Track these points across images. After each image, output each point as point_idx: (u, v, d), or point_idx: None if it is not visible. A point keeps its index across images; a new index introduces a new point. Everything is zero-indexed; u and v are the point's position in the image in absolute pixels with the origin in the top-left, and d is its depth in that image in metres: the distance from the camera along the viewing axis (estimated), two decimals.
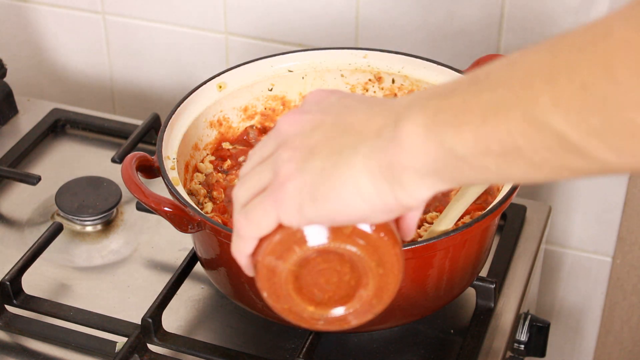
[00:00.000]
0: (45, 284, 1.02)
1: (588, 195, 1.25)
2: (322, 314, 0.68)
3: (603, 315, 1.33)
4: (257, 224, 0.65)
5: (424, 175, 0.59)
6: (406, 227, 0.69)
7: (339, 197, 0.61)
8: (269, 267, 0.67)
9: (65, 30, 1.41)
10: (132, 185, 0.87)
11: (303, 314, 0.68)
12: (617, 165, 0.52)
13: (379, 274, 0.66)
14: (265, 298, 0.68)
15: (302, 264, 0.66)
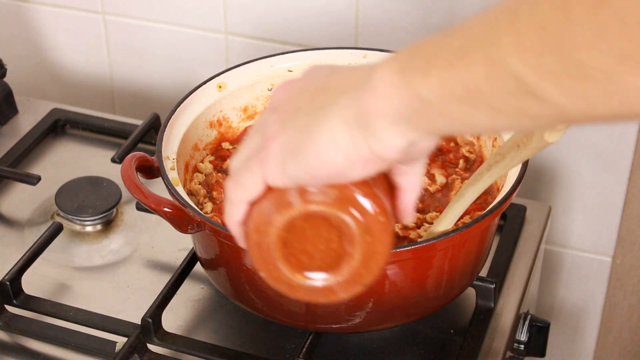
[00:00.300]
0: (45, 284, 1.02)
1: (588, 195, 1.25)
2: (310, 283, 0.68)
3: (603, 315, 1.33)
4: (245, 186, 0.66)
5: (395, 122, 0.59)
6: (402, 207, 0.69)
7: (317, 150, 0.61)
8: (257, 232, 0.67)
9: (65, 30, 1.41)
10: (132, 186, 0.87)
11: (291, 283, 0.68)
12: (572, 110, 0.52)
13: (367, 242, 0.66)
14: (255, 266, 0.68)
15: (290, 228, 0.66)
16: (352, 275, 0.67)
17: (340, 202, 0.65)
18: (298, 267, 0.68)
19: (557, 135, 0.75)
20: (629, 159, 1.20)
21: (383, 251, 0.66)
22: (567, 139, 1.21)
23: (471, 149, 1.00)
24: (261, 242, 0.67)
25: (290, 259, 0.68)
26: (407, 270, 0.85)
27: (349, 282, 0.67)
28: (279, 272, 0.68)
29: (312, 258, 0.67)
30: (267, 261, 0.68)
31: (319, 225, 0.66)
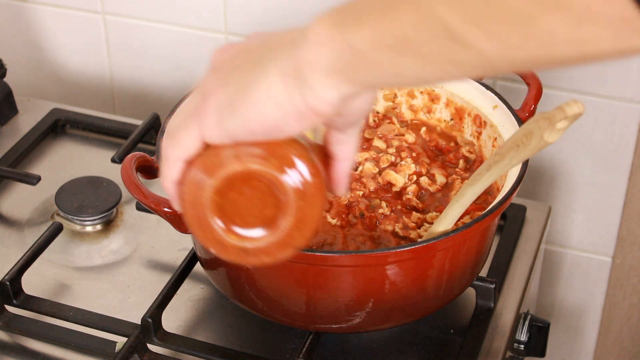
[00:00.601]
0: (45, 284, 1.02)
1: (588, 195, 1.25)
2: (242, 244, 0.68)
3: (603, 315, 1.33)
4: (181, 143, 0.66)
5: (329, 74, 0.60)
6: (336, 177, 0.70)
7: (254, 103, 0.62)
8: (191, 191, 0.67)
9: (65, 30, 1.41)
10: (132, 186, 0.87)
11: (224, 243, 0.68)
12: (495, 56, 0.53)
13: (300, 206, 0.66)
14: (189, 226, 0.68)
15: (224, 188, 0.66)
16: (284, 238, 0.67)
17: (277, 163, 0.65)
18: (231, 228, 0.68)
19: (556, 136, 0.75)
20: (629, 159, 1.20)
21: (315, 216, 0.67)
22: (567, 139, 1.21)
23: (471, 149, 1.00)
24: (195, 202, 0.67)
25: (224, 219, 0.67)
26: (407, 270, 0.85)
27: (280, 244, 0.68)
28: (212, 232, 0.68)
29: (245, 219, 0.67)
30: (201, 221, 0.68)
31: (254, 185, 0.66)
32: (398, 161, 0.98)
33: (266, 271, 0.86)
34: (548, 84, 1.18)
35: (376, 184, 0.95)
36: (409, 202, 0.94)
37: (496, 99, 0.98)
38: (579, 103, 0.73)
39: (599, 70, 1.16)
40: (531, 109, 0.96)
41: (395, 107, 1.06)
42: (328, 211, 0.92)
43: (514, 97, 1.14)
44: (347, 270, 0.84)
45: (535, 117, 0.75)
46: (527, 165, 0.88)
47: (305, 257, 0.82)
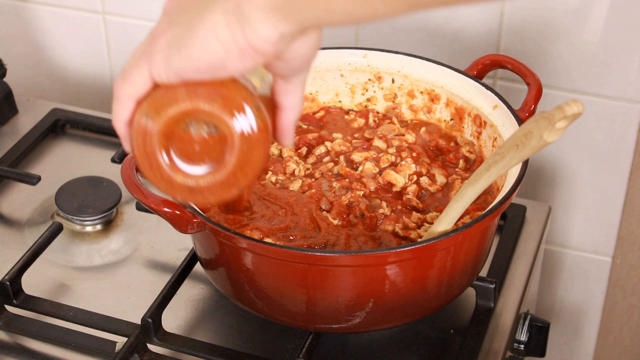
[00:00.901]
0: (45, 284, 1.02)
1: (588, 195, 1.25)
2: (189, 182, 0.71)
3: (603, 315, 1.33)
4: (131, 81, 0.69)
5: (268, 12, 0.62)
6: (282, 126, 0.73)
7: (199, 41, 0.65)
8: (140, 129, 0.69)
9: (65, 30, 1.41)
10: (132, 186, 0.87)
11: (172, 182, 0.71)
12: None
13: (243, 149, 0.69)
14: (138, 166, 0.71)
15: (171, 127, 0.69)
16: (228, 178, 0.70)
17: (224, 104, 0.68)
18: (178, 166, 0.71)
19: (556, 135, 0.75)
20: (629, 159, 1.20)
21: (259, 160, 0.70)
22: (567, 139, 1.21)
23: (471, 149, 1.00)
24: (144, 141, 0.70)
25: (171, 158, 0.70)
26: (407, 270, 0.85)
27: (224, 184, 0.70)
28: (160, 170, 0.71)
29: (191, 158, 0.70)
30: (149, 159, 0.70)
31: (200, 126, 0.69)
32: (398, 161, 0.98)
33: (266, 271, 0.86)
34: (548, 84, 1.18)
35: (376, 184, 0.95)
36: (409, 202, 0.94)
37: (496, 99, 0.98)
38: (578, 103, 0.73)
39: (599, 70, 1.16)
40: (531, 109, 0.96)
41: (395, 107, 1.06)
42: (329, 211, 0.92)
43: (514, 97, 1.14)
44: (347, 270, 0.84)
45: (535, 116, 0.75)
46: (527, 165, 0.88)
47: (305, 257, 0.82)
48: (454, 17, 1.19)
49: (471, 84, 1.01)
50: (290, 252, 0.83)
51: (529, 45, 1.17)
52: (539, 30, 1.16)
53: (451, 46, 1.21)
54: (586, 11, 1.13)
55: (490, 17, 1.17)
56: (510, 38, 1.18)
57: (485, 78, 1.04)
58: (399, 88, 1.05)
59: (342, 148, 1.00)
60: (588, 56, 1.16)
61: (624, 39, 1.13)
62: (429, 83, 1.03)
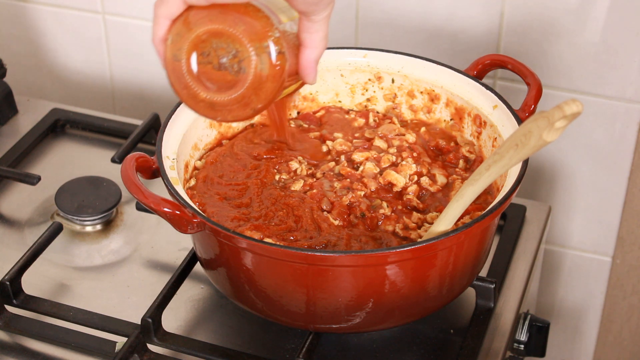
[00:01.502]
0: (45, 284, 1.02)
1: (588, 195, 1.25)
2: (212, 98, 0.79)
3: (603, 315, 1.33)
4: (167, 2, 0.77)
5: None
6: (304, 64, 0.81)
7: None
8: (172, 44, 0.78)
9: (65, 30, 1.41)
10: (132, 186, 0.87)
11: (197, 97, 0.80)
12: None
13: (257, 70, 0.77)
14: (170, 81, 0.80)
15: (198, 44, 0.78)
16: (243, 97, 0.79)
17: (247, 29, 0.76)
18: (202, 82, 0.79)
19: (555, 135, 0.75)
20: (629, 159, 1.20)
21: (273, 84, 0.78)
22: (566, 139, 1.21)
23: (471, 149, 1.00)
24: (174, 55, 0.79)
25: (197, 74, 0.79)
26: (407, 270, 0.85)
27: (240, 103, 0.79)
28: (187, 85, 0.80)
29: (213, 77, 0.79)
30: (178, 74, 0.79)
31: (223, 47, 0.78)
32: (399, 161, 0.98)
33: (266, 271, 0.86)
34: (548, 84, 1.18)
35: (377, 184, 0.95)
36: (409, 202, 0.94)
37: (496, 99, 0.98)
38: (577, 102, 0.73)
39: (599, 70, 1.16)
40: (531, 109, 0.96)
41: (395, 107, 1.06)
42: (330, 212, 0.92)
43: (514, 97, 1.14)
44: (347, 270, 0.84)
45: (534, 116, 0.75)
46: (527, 165, 0.88)
47: (305, 257, 0.82)
48: (454, 18, 1.19)
49: (471, 84, 1.01)
50: (291, 252, 0.83)
51: (529, 45, 1.17)
52: (539, 30, 1.16)
53: (451, 46, 1.21)
54: (586, 11, 1.13)
55: (490, 17, 1.17)
56: (510, 38, 1.18)
57: (485, 78, 1.04)
58: (399, 88, 1.05)
59: (343, 147, 1.00)
60: (588, 56, 1.16)
61: (624, 39, 1.13)
62: (429, 83, 1.03)
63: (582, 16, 1.13)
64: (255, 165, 0.98)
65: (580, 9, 1.13)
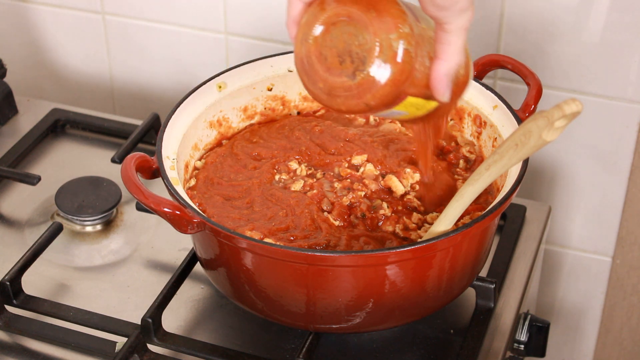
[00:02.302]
0: (45, 284, 1.02)
1: (588, 195, 1.25)
2: (329, 83, 0.77)
3: (603, 315, 1.33)
4: None
5: None
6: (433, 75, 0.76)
7: None
8: (303, 25, 0.77)
9: (65, 30, 1.41)
10: (132, 186, 0.87)
11: (318, 82, 0.77)
12: None
13: (376, 63, 0.74)
14: (297, 65, 0.79)
15: (329, 27, 0.76)
16: (357, 90, 0.76)
17: (377, 16, 0.74)
18: (326, 64, 0.77)
19: (555, 134, 0.75)
20: (629, 159, 1.20)
21: (387, 83, 0.75)
22: (567, 139, 1.21)
23: (471, 149, 1.00)
24: (305, 33, 0.77)
25: (323, 55, 0.77)
26: (407, 270, 0.85)
27: (353, 96, 0.76)
28: (311, 67, 0.77)
29: (335, 62, 0.76)
30: (304, 54, 0.77)
31: (350, 33, 0.75)
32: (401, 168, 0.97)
33: (266, 271, 0.86)
34: (548, 84, 1.18)
35: (377, 185, 0.95)
36: (409, 202, 0.94)
37: (496, 99, 0.98)
38: (577, 101, 0.73)
39: (599, 70, 1.16)
40: (531, 109, 0.96)
41: None
42: (330, 212, 0.92)
43: (514, 97, 1.14)
44: (347, 270, 0.84)
45: (534, 116, 0.75)
46: (527, 165, 0.88)
47: (305, 258, 0.82)
48: None
49: (471, 84, 1.00)
50: (291, 252, 0.83)
51: (529, 45, 1.17)
52: (538, 30, 1.16)
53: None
54: (586, 11, 1.13)
55: (490, 17, 1.17)
56: (510, 38, 1.18)
57: (485, 78, 1.04)
58: None
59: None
60: (588, 56, 1.16)
61: (624, 39, 1.13)
62: None
63: (582, 16, 1.13)
64: (255, 165, 0.98)
65: (580, 9, 1.13)
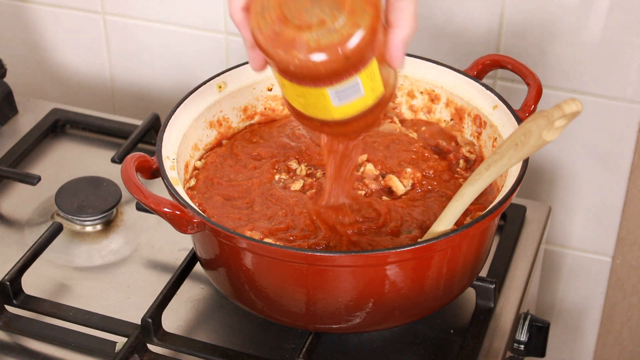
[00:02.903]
0: (45, 284, 1.02)
1: (588, 195, 1.25)
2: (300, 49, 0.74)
3: (603, 315, 1.33)
4: None
5: None
6: (389, 44, 0.76)
7: None
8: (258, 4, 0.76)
9: (65, 30, 1.41)
10: (132, 186, 0.87)
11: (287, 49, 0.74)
12: None
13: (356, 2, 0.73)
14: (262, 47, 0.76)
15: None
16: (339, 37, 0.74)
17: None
18: (297, 24, 0.74)
19: (555, 134, 0.75)
20: (629, 159, 1.20)
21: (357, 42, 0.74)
22: (567, 139, 1.21)
23: (471, 149, 1.00)
24: (263, 5, 0.75)
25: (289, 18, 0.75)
26: (407, 270, 0.85)
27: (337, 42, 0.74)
28: (281, 33, 0.74)
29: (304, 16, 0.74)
30: (269, 23, 0.75)
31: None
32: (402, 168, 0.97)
33: (266, 271, 0.86)
34: (548, 84, 1.18)
35: (378, 185, 0.95)
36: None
37: (496, 99, 0.98)
38: (576, 101, 0.73)
39: (599, 70, 1.16)
40: (531, 109, 0.96)
41: (395, 107, 1.06)
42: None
43: (514, 97, 1.14)
44: (347, 270, 0.84)
45: (534, 115, 0.75)
46: (527, 165, 0.88)
47: (305, 258, 0.82)
48: (454, 18, 1.19)
49: (471, 84, 1.01)
50: (290, 252, 0.83)
51: (529, 45, 1.17)
52: (539, 30, 1.16)
53: (451, 46, 1.21)
54: (586, 11, 1.13)
55: (490, 17, 1.17)
56: (510, 38, 1.18)
57: (485, 78, 1.04)
58: (399, 88, 1.05)
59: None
60: (588, 56, 1.16)
61: (624, 39, 1.13)
62: (429, 83, 1.03)
63: (582, 16, 1.13)
64: (255, 165, 0.98)
65: (580, 9, 1.13)
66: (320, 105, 0.79)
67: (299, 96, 0.79)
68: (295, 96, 0.80)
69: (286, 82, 0.79)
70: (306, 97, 0.79)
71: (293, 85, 0.78)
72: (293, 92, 0.80)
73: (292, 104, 0.82)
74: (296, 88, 0.78)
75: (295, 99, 0.81)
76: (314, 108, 0.80)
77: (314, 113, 0.81)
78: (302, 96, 0.79)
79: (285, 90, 0.81)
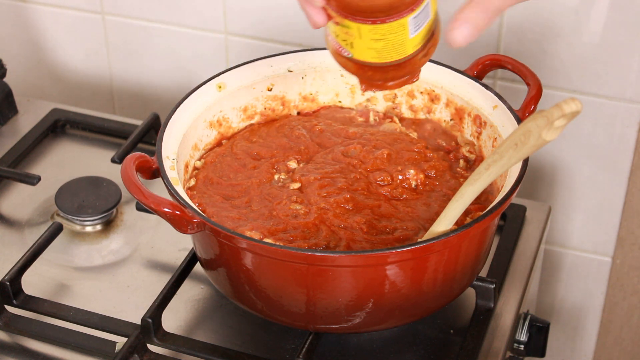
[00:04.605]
0: (45, 284, 1.02)
1: (588, 196, 1.25)
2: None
3: (603, 315, 1.33)
4: None
5: None
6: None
7: None
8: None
9: (65, 30, 1.41)
10: (132, 186, 0.87)
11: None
12: None
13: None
14: None
15: None
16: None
17: None
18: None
19: (555, 134, 0.75)
20: (629, 159, 1.20)
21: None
22: (566, 139, 1.21)
23: (471, 149, 1.00)
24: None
25: None
26: (407, 270, 0.85)
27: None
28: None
29: None
30: None
31: None
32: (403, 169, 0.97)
33: (266, 271, 0.86)
34: (548, 84, 1.18)
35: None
36: None
37: (496, 99, 0.98)
38: (576, 101, 0.73)
39: (599, 70, 1.16)
40: (531, 109, 0.96)
41: (395, 107, 1.06)
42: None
43: (514, 97, 1.14)
44: (347, 271, 0.84)
45: (534, 115, 0.75)
46: (527, 165, 0.88)
47: (305, 258, 0.82)
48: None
49: (471, 84, 1.01)
50: (290, 252, 0.83)
51: (528, 45, 1.17)
52: (538, 30, 1.16)
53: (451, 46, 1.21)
54: (586, 11, 1.13)
55: None
56: (510, 38, 1.18)
57: (485, 78, 1.04)
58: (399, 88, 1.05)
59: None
60: (588, 56, 1.16)
61: (624, 39, 1.13)
62: (429, 83, 1.03)
63: (582, 16, 1.13)
64: (255, 165, 0.98)
65: (580, 9, 1.13)
66: (398, 41, 0.81)
67: (377, 40, 0.80)
68: (373, 42, 0.80)
69: (363, 31, 0.79)
70: (386, 37, 0.80)
71: (374, 29, 0.79)
72: (370, 39, 0.80)
73: (363, 58, 0.82)
74: (377, 30, 0.79)
75: (368, 50, 0.81)
76: (391, 49, 0.81)
77: (388, 56, 0.82)
78: (381, 39, 0.80)
79: (358, 44, 0.81)
